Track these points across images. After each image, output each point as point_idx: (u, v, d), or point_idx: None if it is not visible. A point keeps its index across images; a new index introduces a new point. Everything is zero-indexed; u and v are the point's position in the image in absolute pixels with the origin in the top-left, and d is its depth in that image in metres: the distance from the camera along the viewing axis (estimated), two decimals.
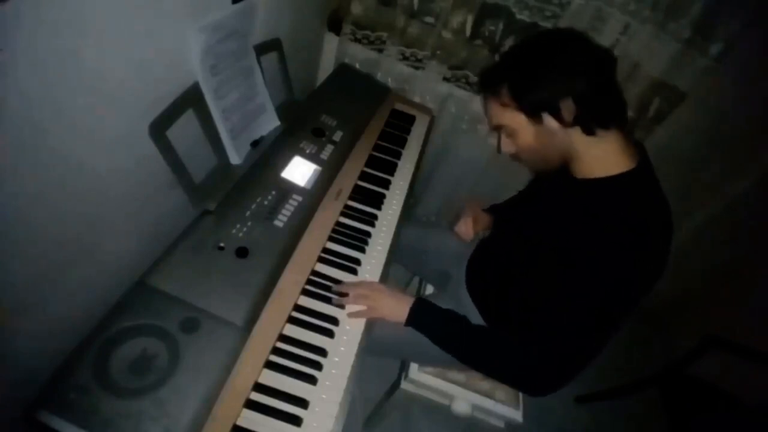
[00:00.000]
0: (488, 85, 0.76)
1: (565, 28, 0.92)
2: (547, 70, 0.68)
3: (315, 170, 0.98)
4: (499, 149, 0.81)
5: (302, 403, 0.69)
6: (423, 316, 0.84)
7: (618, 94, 0.71)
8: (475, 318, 0.94)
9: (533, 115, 0.71)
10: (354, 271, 0.91)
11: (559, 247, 0.73)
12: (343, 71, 1.40)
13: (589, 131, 0.69)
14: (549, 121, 0.70)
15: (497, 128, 0.78)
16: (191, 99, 0.78)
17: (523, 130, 0.73)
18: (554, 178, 0.80)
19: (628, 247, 0.65)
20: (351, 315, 0.83)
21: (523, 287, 0.84)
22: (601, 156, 0.71)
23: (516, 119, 0.73)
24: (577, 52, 0.68)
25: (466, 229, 1.10)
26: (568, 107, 0.67)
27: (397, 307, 0.84)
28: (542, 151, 0.75)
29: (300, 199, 0.91)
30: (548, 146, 0.73)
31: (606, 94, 0.69)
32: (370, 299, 0.83)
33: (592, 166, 0.72)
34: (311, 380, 0.72)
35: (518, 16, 1.32)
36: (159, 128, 0.71)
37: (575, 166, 0.75)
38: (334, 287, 0.85)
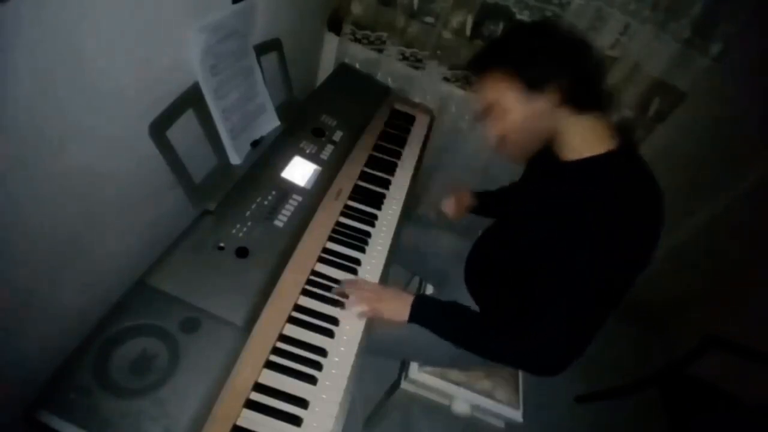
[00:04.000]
0: (486, 63, 0.77)
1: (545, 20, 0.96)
2: (549, 49, 0.72)
3: (315, 170, 0.98)
4: (482, 127, 0.82)
5: (302, 403, 0.69)
6: (424, 310, 0.84)
7: (603, 78, 0.76)
8: None
9: (531, 89, 0.72)
10: (354, 271, 0.91)
11: (552, 229, 0.74)
12: (343, 71, 1.40)
13: (580, 109, 0.73)
14: (542, 100, 0.72)
15: (487, 110, 0.79)
16: (191, 99, 0.78)
17: (514, 109, 0.74)
18: (542, 166, 0.82)
19: (620, 221, 0.67)
20: (356, 315, 0.83)
21: (521, 276, 0.85)
22: (586, 136, 0.74)
23: (510, 97, 0.74)
24: (571, 37, 0.73)
25: (449, 206, 1.20)
26: (564, 85, 0.70)
27: (398, 307, 0.84)
28: (529, 131, 0.76)
29: (300, 199, 0.91)
30: (536, 126, 0.75)
31: (597, 75, 0.75)
32: (373, 300, 0.84)
33: (578, 147, 0.74)
34: (311, 380, 0.72)
35: (518, 16, 1.32)
36: (159, 128, 0.71)
37: (561, 149, 0.77)
38: (335, 289, 0.85)
